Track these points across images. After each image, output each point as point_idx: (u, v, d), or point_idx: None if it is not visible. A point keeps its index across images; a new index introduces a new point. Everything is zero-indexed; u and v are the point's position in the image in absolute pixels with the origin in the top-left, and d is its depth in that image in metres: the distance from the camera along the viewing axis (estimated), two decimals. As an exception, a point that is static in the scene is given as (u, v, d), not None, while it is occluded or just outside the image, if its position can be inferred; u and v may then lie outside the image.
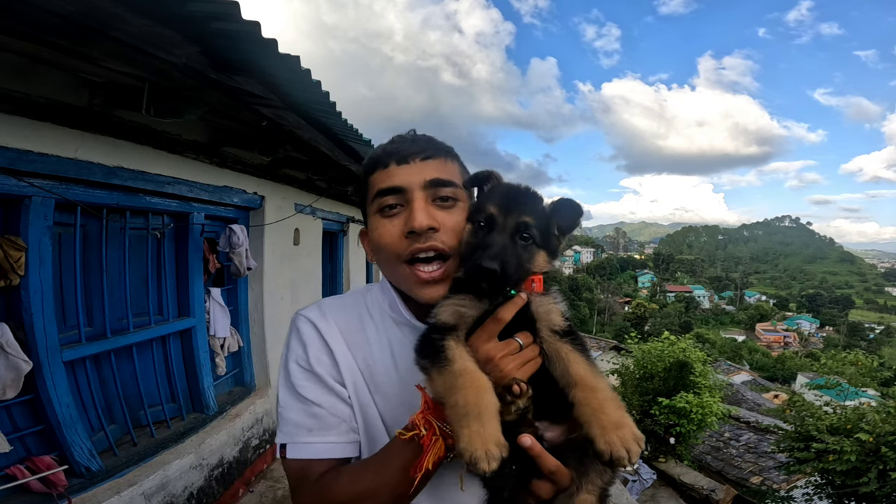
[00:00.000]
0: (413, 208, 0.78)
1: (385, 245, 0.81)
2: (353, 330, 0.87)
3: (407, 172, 0.81)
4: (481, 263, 0.69)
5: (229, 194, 3.54)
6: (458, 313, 0.73)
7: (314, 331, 0.85)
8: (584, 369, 0.69)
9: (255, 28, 1.45)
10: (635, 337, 10.23)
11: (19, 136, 1.98)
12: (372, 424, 0.83)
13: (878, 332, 71.32)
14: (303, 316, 0.88)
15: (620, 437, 0.61)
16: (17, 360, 2.03)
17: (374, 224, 0.84)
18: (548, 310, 0.74)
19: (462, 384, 0.64)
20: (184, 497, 2.85)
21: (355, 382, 0.84)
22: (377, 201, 0.82)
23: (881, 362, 21.80)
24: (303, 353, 0.84)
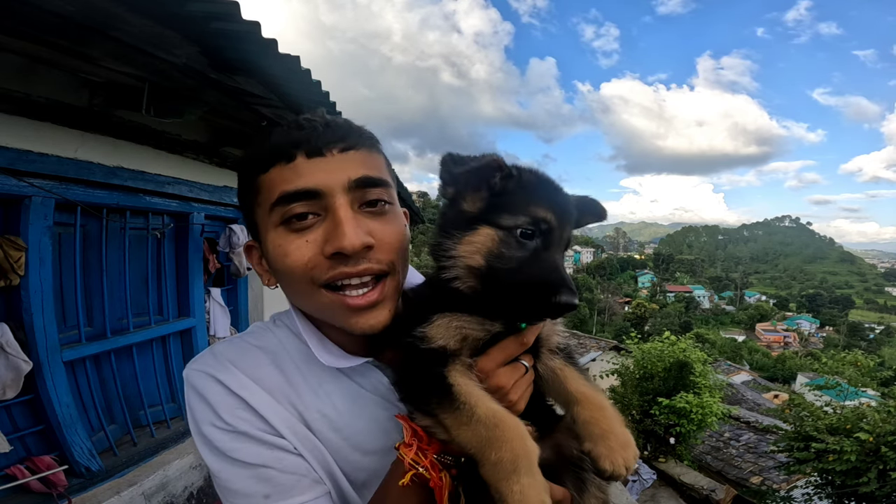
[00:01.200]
0: (338, 221, 0.59)
1: (294, 268, 0.61)
2: (268, 375, 0.67)
3: (323, 169, 0.59)
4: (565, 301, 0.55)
5: (229, 194, 3.54)
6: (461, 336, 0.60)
7: (217, 385, 0.65)
8: (584, 386, 0.65)
9: (255, 28, 1.45)
10: (635, 337, 10.23)
11: (19, 136, 1.98)
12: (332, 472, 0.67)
13: (878, 332, 71.37)
14: (197, 371, 0.67)
15: (625, 458, 0.59)
16: (17, 360, 2.03)
17: (274, 239, 0.62)
18: (552, 330, 0.68)
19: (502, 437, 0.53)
20: (184, 497, 2.85)
21: (293, 429, 0.65)
22: (278, 209, 0.60)
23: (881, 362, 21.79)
24: (213, 415, 0.64)
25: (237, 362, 0.68)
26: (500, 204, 0.60)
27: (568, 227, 0.61)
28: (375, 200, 0.63)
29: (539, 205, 0.58)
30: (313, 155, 0.60)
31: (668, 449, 8.33)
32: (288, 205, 0.60)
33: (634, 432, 8.57)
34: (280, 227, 0.62)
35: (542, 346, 0.68)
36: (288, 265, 0.61)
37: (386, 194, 0.64)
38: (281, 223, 0.62)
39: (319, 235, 0.60)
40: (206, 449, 0.65)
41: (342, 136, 0.62)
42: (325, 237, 0.59)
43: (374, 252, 0.61)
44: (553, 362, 0.68)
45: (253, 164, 0.65)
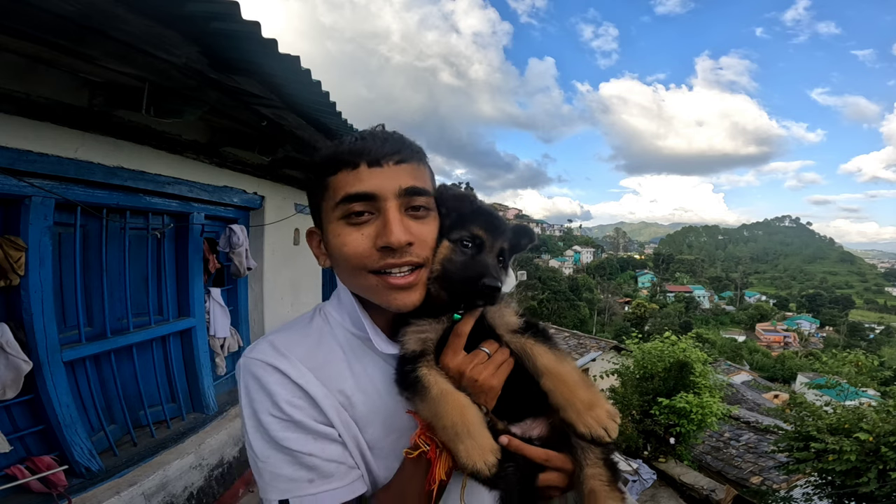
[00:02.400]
0: (388, 220, 0.71)
1: (350, 256, 0.73)
2: (321, 362, 0.77)
3: (380, 177, 0.71)
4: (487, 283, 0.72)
5: (229, 194, 3.54)
6: (421, 339, 0.75)
7: (277, 375, 0.74)
8: (547, 359, 0.73)
9: (255, 28, 1.45)
10: (636, 337, 10.22)
11: (19, 136, 1.98)
12: (366, 458, 0.78)
13: (878, 332, 71.33)
14: (257, 360, 0.75)
15: (595, 418, 0.67)
16: (17, 360, 2.03)
17: (335, 230, 0.74)
18: (501, 314, 0.78)
19: (445, 408, 0.67)
20: (184, 497, 2.85)
21: (340, 416, 0.76)
22: (342, 207, 0.72)
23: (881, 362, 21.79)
24: (271, 403, 0.73)
25: (293, 351, 0.77)
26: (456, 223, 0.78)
27: (498, 241, 0.78)
28: (418, 206, 0.75)
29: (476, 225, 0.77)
30: (373, 165, 0.72)
31: (668, 449, 8.32)
32: (349, 203, 0.72)
33: (634, 432, 8.57)
34: (341, 221, 0.74)
35: (499, 330, 0.78)
36: (345, 253, 0.73)
37: (427, 202, 0.76)
38: (342, 217, 0.73)
39: (372, 231, 0.72)
40: (258, 435, 0.73)
41: (396, 150, 0.74)
42: (377, 233, 0.72)
43: (413, 248, 0.73)
44: (520, 341, 0.76)
45: (324, 166, 0.75)
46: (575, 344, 16.35)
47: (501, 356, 0.75)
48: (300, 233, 4.82)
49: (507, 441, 0.71)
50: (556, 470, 0.73)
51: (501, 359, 0.74)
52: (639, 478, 7.30)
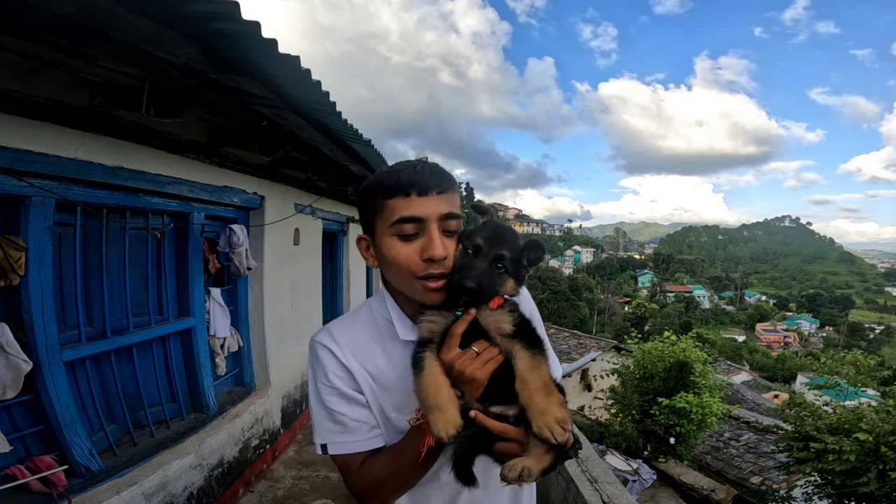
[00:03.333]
0: (432, 238, 0.91)
1: (402, 263, 0.93)
2: (360, 345, 1.03)
3: (427, 204, 0.91)
4: (464, 283, 0.87)
5: (229, 194, 3.54)
6: (430, 328, 0.93)
7: (329, 354, 1.01)
8: (523, 364, 0.87)
9: (256, 28, 1.45)
10: (636, 336, 10.22)
11: (19, 136, 1.97)
12: (387, 419, 1.01)
13: (878, 332, 71.29)
14: (318, 342, 1.03)
15: (545, 423, 0.81)
16: (17, 360, 2.03)
17: (389, 243, 0.94)
18: (496, 320, 0.92)
19: (426, 385, 0.87)
20: (184, 497, 2.85)
21: (371, 387, 1.01)
22: (397, 226, 0.92)
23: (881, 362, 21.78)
24: (324, 374, 1.00)
25: (343, 337, 1.02)
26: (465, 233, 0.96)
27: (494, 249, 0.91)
28: (452, 230, 0.95)
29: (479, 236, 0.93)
30: (422, 194, 0.91)
31: (668, 449, 8.32)
32: (402, 224, 0.91)
33: (634, 432, 8.58)
34: (394, 237, 0.93)
35: (492, 332, 0.91)
36: (398, 261, 0.93)
37: (456, 225, 0.95)
38: (395, 234, 0.92)
39: (419, 246, 0.92)
40: (314, 398, 1.02)
41: (439, 182, 0.93)
42: (423, 247, 0.91)
43: (446, 260, 0.92)
44: (508, 345, 0.90)
45: (381, 190, 0.94)
46: (575, 344, 16.34)
47: (489, 354, 0.89)
48: (300, 233, 4.82)
49: (474, 415, 0.87)
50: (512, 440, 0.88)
51: (489, 356, 0.89)
52: (639, 478, 7.30)
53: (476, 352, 0.89)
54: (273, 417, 4.22)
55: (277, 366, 4.34)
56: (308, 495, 3.69)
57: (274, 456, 4.19)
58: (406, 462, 0.94)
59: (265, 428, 4.02)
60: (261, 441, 3.95)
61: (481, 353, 0.89)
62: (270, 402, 4.12)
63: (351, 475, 1.00)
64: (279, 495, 3.68)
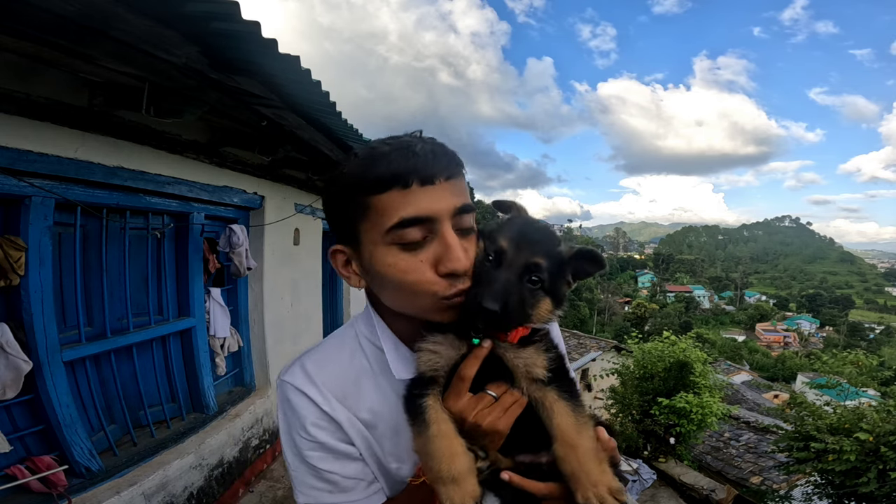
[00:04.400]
0: (450, 245, 0.66)
1: (412, 283, 0.67)
2: (346, 384, 0.79)
3: (435, 198, 0.65)
4: (482, 302, 0.63)
5: (229, 194, 3.54)
6: (432, 363, 0.70)
7: (306, 400, 0.77)
8: (566, 422, 0.68)
9: (256, 28, 1.45)
10: (636, 336, 10.22)
11: (19, 136, 1.98)
12: (387, 471, 0.81)
13: (878, 332, 71.32)
14: (289, 385, 0.78)
15: (597, 494, 0.65)
16: (17, 360, 2.03)
17: (386, 255, 0.68)
18: (526, 361, 0.70)
19: (435, 450, 0.66)
20: (184, 497, 2.85)
21: (364, 437, 0.79)
22: (396, 232, 0.66)
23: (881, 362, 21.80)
24: (300, 426, 0.77)
25: (321, 375, 0.78)
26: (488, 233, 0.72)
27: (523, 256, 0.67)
28: (468, 227, 0.71)
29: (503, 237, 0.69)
30: (426, 183, 0.65)
31: (668, 449, 8.32)
32: (405, 229, 0.65)
33: (634, 432, 8.57)
34: (393, 246, 0.67)
35: (519, 376, 0.71)
36: (407, 280, 0.67)
37: (473, 220, 0.72)
38: (395, 242, 0.67)
39: (430, 255, 0.67)
40: (289, 449, 0.79)
41: (446, 164, 0.68)
42: (436, 258, 0.67)
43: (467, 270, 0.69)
44: (540, 394, 0.70)
45: (366, 183, 0.67)
46: (575, 344, 16.35)
47: (510, 398, 0.70)
48: (300, 233, 4.82)
49: (508, 478, 0.70)
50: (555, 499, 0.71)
51: (510, 401, 0.70)
52: (639, 478, 7.30)
53: (494, 397, 0.70)
54: (273, 417, 4.22)
55: (277, 366, 4.33)
56: (308, 495, 3.69)
57: (274, 456, 4.19)
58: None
59: (265, 428, 4.02)
60: (261, 441, 3.95)
61: (500, 397, 0.70)
62: (270, 402, 4.12)
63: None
64: (279, 495, 3.68)
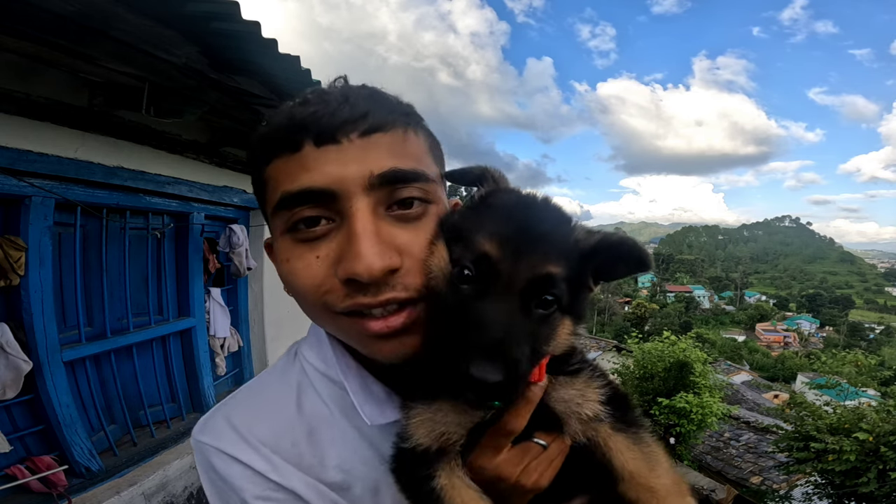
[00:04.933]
0: (354, 233, 0.45)
1: (305, 289, 0.49)
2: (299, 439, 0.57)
3: (337, 160, 0.45)
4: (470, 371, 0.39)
5: (229, 194, 3.54)
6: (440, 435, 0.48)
7: (240, 468, 0.56)
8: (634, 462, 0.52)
9: (256, 28, 1.45)
10: (636, 336, 10.22)
11: (19, 136, 1.98)
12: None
13: (878, 332, 71.38)
14: (210, 447, 0.57)
15: None
16: (17, 360, 2.03)
17: (280, 250, 0.51)
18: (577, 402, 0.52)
19: None
20: (184, 497, 2.85)
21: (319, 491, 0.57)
22: (284, 214, 0.48)
23: (881, 362, 21.81)
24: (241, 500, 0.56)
25: (257, 431, 0.57)
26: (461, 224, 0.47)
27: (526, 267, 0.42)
28: (409, 200, 0.47)
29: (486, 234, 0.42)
30: (324, 142, 0.45)
31: (668, 449, 8.32)
32: (292, 208, 0.46)
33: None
34: (287, 235, 0.49)
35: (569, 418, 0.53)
36: (297, 285, 0.50)
37: (422, 191, 0.48)
38: (287, 230, 0.49)
39: (333, 249, 0.47)
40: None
41: (363, 112, 0.46)
42: (339, 254, 0.46)
43: (399, 275, 0.46)
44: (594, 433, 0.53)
45: (257, 153, 0.50)
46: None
47: (557, 449, 0.53)
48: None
49: None
50: None
51: (557, 452, 0.53)
52: (639, 478, 7.30)
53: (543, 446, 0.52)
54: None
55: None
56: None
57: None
58: None
59: (265, 428, 4.03)
60: (261, 441, 3.95)
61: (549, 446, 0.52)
62: (270, 402, 4.12)
63: None
64: (279, 495, 3.68)
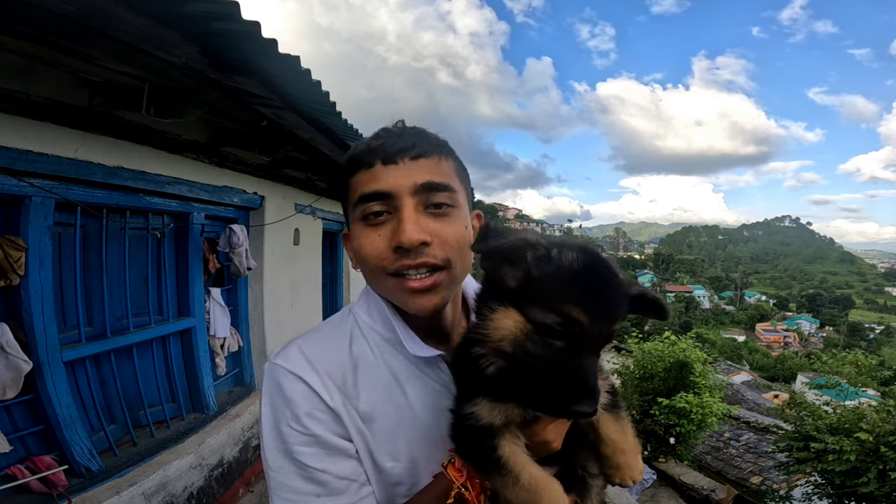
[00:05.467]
0: (402, 219, 0.69)
1: (369, 257, 0.72)
2: (347, 372, 0.75)
3: (394, 174, 0.70)
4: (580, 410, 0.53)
5: (229, 194, 3.54)
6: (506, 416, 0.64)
7: (303, 386, 0.71)
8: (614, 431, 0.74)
9: (256, 28, 1.45)
10: (636, 336, 10.22)
11: (19, 136, 1.98)
12: (380, 469, 0.74)
13: (878, 332, 71.36)
14: (282, 368, 0.72)
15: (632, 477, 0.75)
16: (17, 360, 2.03)
17: (356, 232, 0.75)
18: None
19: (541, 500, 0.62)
20: (184, 497, 2.85)
21: (359, 430, 0.73)
22: (360, 207, 0.72)
23: (881, 362, 21.81)
24: (293, 414, 0.70)
25: (321, 361, 0.74)
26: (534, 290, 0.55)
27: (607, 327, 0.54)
28: (440, 203, 0.72)
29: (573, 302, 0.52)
30: (388, 162, 0.71)
31: (668, 449, 8.32)
32: (365, 204, 0.72)
33: (634, 432, 8.59)
34: (361, 222, 0.74)
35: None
36: (364, 255, 0.73)
37: (449, 198, 0.73)
38: (361, 218, 0.73)
39: (388, 231, 0.71)
40: (274, 444, 0.71)
41: (411, 144, 0.72)
42: (392, 231, 0.70)
43: (431, 248, 0.70)
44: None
45: (345, 168, 0.77)
46: (575, 344, 16.33)
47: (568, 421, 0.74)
48: (300, 233, 4.82)
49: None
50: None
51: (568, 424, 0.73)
52: (639, 478, 7.30)
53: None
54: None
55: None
56: (308, 495, 3.69)
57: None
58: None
59: (265, 428, 4.03)
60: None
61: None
62: (270, 402, 4.12)
63: None
64: (279, 495, 3.68)
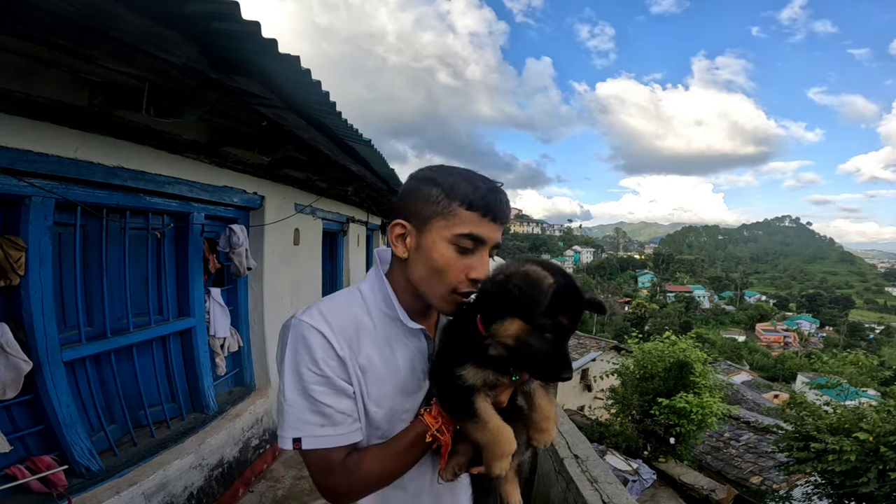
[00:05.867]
0: (483, 262, 0.95)
1: (449, 274, 0.94)
2: (351, 330, 0.96)
3: (491, 230, 0.94)
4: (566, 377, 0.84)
5: (229, 194, 3.54)
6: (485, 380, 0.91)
7: (320, 338, 0.92)
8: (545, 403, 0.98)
9: (256, 28, 1.45)
10: (636, 336, 10.21)
11: (19, 136, 1.97)
12: (366, 412, 0.98)
13: (878, 332, 71.34)
14: (306, 323, 0.93)
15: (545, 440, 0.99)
16: (17, 360, 2.03)
17: (442, 248, 0.93)
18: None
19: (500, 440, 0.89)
20: (184, 497, 2.85)
21: (358, 377, 0.95)
22: (460, 238, 0.92)
23: (881, 362, 21.80)
24: (311, 359, 0.91)
25: (335, 320, 0.95)
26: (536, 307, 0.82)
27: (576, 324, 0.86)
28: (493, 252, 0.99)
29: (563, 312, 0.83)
30: (495, 221, 0.94)
31: (668, 449, 8.32)
32: (467, 239, 0.92)
33: (634, 432, 8.58)
34: (451, 244, 0.93)
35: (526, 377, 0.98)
36: (447, 271, 0.93)
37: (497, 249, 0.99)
38: (452, 242, 0.93)
39: (469, 262, 0.94)
40: (293, 384, 0.92)
41: (507, 216, 0.97)
42: (471, 266, 0.93)
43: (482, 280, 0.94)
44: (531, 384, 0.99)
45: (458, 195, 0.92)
46: (575, 344, 16.36)
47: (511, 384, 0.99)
48: (300, 233, 4.82)
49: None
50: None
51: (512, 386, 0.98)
52: (639, 478, 7.30)
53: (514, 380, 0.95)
54: (273, 417, 4.22)
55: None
56: (308, 495, 3.69)
57: (274, 456, 4.19)
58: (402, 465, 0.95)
59: (265, 428, 4.02)
60: (261, 441, 3.95)
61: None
62: (270, 402, 4.12)
63: (332, 472, 0.93)
64: (279, 495, 3.68)
